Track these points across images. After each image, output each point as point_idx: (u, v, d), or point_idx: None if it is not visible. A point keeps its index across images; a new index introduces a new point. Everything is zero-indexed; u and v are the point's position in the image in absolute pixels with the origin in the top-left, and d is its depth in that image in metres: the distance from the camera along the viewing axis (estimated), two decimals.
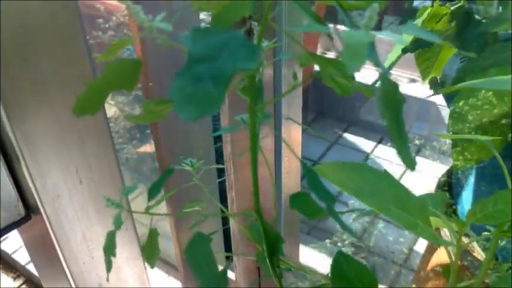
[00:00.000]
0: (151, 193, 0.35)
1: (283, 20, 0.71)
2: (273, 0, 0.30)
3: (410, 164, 0.27)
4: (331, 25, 2.01)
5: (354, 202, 1.56)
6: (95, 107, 0.29)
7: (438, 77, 0.87)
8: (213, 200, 0.46)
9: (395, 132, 0.26)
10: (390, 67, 0.93)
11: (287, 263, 0.40)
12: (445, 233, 0.79)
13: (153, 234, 0.37)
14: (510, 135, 0.62)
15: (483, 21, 0.76)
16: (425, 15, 0.89)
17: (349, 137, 1.95)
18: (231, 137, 0.77)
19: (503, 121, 0.61)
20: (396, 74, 1.94)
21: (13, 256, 1.37)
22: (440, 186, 1.05)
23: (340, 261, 0.35)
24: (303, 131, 0.99)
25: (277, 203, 0.96)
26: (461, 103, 0.61)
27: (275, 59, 0.60)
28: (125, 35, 1.55)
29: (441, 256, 0.98)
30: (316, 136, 1.94)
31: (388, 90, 0.26)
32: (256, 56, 0.25)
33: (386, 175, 0.37)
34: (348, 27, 0.28)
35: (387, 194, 0.36)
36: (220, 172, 1.13)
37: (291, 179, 0.98)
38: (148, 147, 1.60)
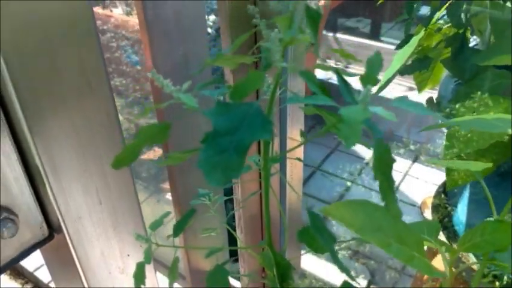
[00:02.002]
0: (176, 232, 0.39)
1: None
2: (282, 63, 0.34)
3: (397, 215, 0.31)
4: (330, 34, 2.06)
5: None
6: (130, 161, 0.34)
7: (435, 98, 0.91)
8: (228, 229, 0.51)
9: (386, 191, 0.31)
10: (387, 82, 0.98)
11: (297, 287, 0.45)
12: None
13: (175, 262, 0.41)
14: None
15: (476, 47, 0.80)
16: (421, 34, 0.94)
17: None
18: None
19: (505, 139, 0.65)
20: (396, 83, 1.98)
21: (21, 263, 1.42)
22: (439, 193, 1.11)
23: None
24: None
25: (282, 212, 1.00)
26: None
27: (281, 106, 0.65)
28: (123, 36, 1.59)
29: (440, 262, 1.03)
30: (317, 143, 1.99)
31: (381, 153, 0.31)
32: (270, 127, 0.29)
33: (386, 210, 0.41)
34: (346, 98, 0.33)
35: (388, 229, 0.40)
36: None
37: (294, 185, 1.02)
38: (152, 155, 1.65)
